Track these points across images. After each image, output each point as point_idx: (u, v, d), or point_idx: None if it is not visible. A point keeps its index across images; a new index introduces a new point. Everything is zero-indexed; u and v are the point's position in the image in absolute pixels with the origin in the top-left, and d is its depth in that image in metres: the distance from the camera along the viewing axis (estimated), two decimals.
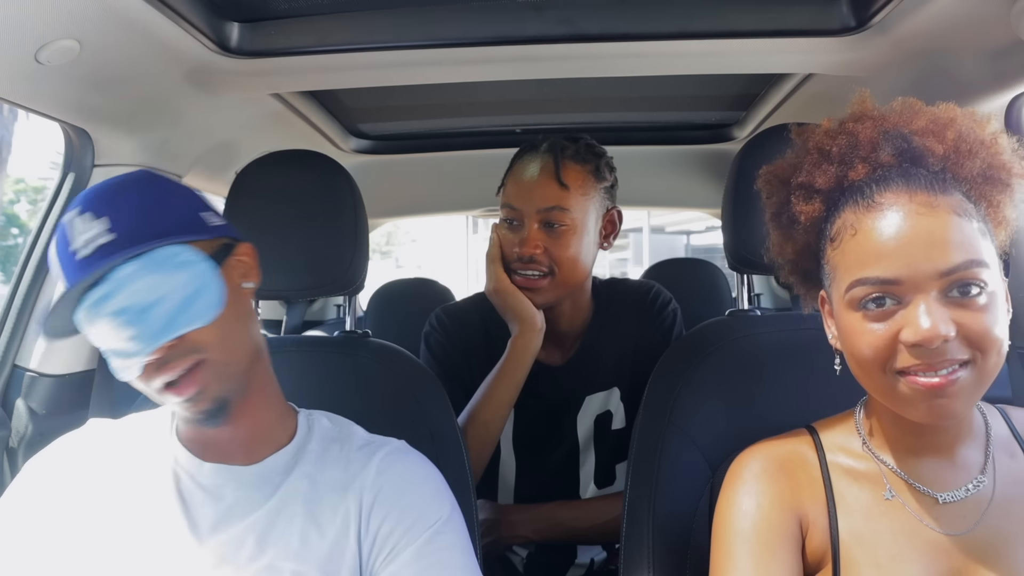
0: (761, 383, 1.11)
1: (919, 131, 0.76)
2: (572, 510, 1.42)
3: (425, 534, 0.86)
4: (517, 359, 1.33)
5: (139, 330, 0.78)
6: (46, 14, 0.93)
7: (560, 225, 1.31)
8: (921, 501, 0.78)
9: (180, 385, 0.80)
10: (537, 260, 1.31)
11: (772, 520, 0.81)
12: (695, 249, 14.48)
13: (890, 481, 0.80)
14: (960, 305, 0.70)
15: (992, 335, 0.70)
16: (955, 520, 0.77)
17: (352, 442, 0.94)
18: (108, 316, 0.78)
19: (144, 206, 0.82)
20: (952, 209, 0.71)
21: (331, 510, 0.87)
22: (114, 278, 0.78)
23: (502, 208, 1.37)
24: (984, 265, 0.70)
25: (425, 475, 0.92)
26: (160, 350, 0.78)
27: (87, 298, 0.79)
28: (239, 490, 0.87)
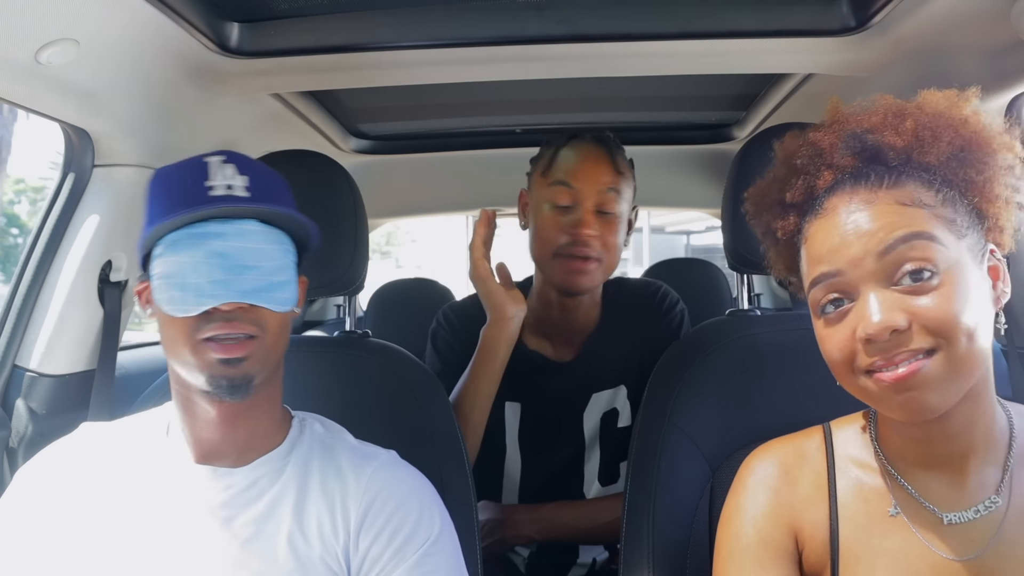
0: (761, 383, 1.10)
1: (875, 127, 0.75)
2: (575, 510, 1.42)
3: (414, 556, 0.85)
4: (488, 349, 1.32)
5: (229, 279, 0.82)
6: (46, 14, 0.93)
7: (611, 212, 1.33)
8: (926, 520, 0.74)
9: (228, 346, 0.82)
10: (592, 243, 1.31)
11: (765, 536, 0.80)
12: (695, 249, 14.48)
13: (896, 496, 0.76)
14: (913, 292, 0.67)
15: (952, 319, 0.66)
16: (962, 544, 0.72)
17: (343, 450, 0.93)
18: (211, 251, 0.82)
19: (280, 190, 0.90)
20: (894, 199, 0.70)
21: (318, 520, 0.87)
22: (236, 225, 0.84)
23: (550, 188, 1.34)
24: (929, 238, 0.68)
25: (415, 489, 0.92)
26: (232, 305, 0.82)
27: (198, 227, 0.82)
28: (227, 491, 0.87)
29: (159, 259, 0.84)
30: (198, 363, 0.82)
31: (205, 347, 0.82)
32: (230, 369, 0.82)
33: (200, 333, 0.82)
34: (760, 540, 0.80)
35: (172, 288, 0.82)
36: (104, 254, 1.32)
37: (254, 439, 0.90)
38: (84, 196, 1.31)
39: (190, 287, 0.81)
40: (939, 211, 0.70)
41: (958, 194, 0.72)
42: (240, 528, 0.85)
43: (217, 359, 0.82)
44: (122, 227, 1.34)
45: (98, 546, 0.83)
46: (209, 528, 0.85)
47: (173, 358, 0.86)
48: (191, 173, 0.85)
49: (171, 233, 0.84)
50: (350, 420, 1.01)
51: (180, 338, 0.82)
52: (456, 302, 1.55)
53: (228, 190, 0.84)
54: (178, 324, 0.82)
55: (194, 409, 0.88)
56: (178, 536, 0.84)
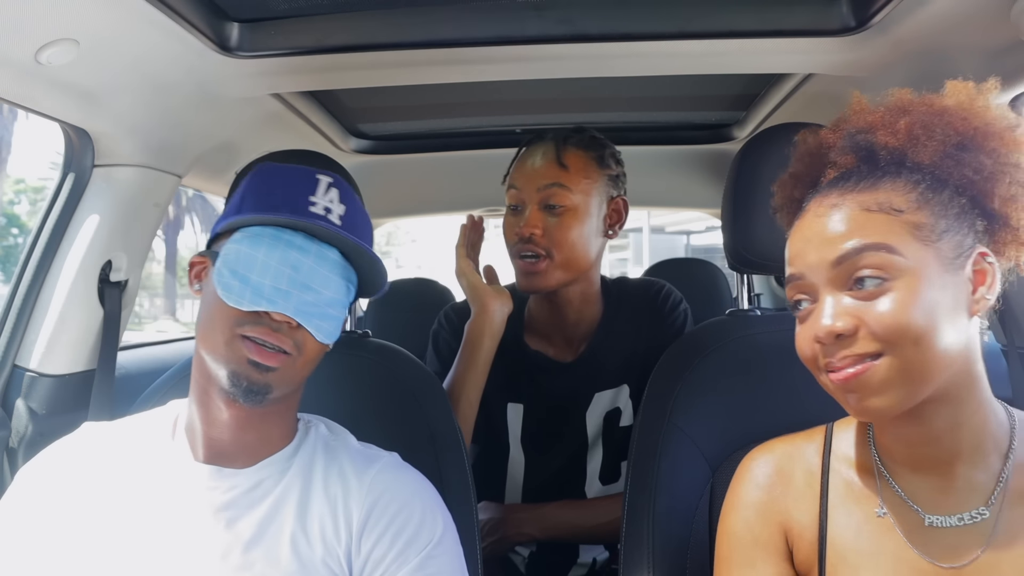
0: (761, 383, 1.11)
1: (870, 126, 0.76)
2: (577, 509, 1.42)
3: (417, 558, 0.85)
4: (473, 343, 1.33)
5: (290, 291, 0.84)
6: (46, 14, 0.93)
7: (560, 207, 1.33)
8: (911, 522, 0.74)
9: (265, 352, 0.83)
10: (535, 241, 1.32)
11: (756, 533, 0.82)
12: (695, 249, 14.49)
13: (884, 496, 0.77)
14: (864, 297, 0.70)
15: (897, 325, 0.68)
16: (946, 551, 0.72)
17: (346, 452, 0.93)
18: (286, 259, 0.84)
19: (367, 229, 0.93)
20: (860, 204, 0.72)
21: (321, 522, 0.87)
22: (319, 247, 0.86)
23: (507, 193, 1.40)
24: (882, 248, 0.69)
25: (418, 492, 0.92)
26: (283, 317, 0.83)
27: (284, 233, 0.85)
28: (231, 492, 0.87)
29: (234, 244, 0.85)
30: (228, 355, 0.83)
31: (241, 343, 0.83)
32: (255, 373, 0.83)
33: (242, 328, 0.83)
34: (752, 538, 0.81)
35: (234, 277, 0.83)
36: (104, 254, 1.32)
37: (263, 443, 0.90)
38: (84, 196, 1.31)
39: (251, 283, 0.83)
40: (908, 216, 0.70)
41: (952, 194, 0.72)
42: (243, 529, 0.85)
43: (248, 358, 0.83)
44: (122, 227, 1.34)
45: (100, 545, 0.83)
46: (212, 529, 0.85)
47: (204, 343, 0.86)
48: (299, 181, 0.89)
49: (256, 227, 0.85)
50: (350, 420, 1.01)
51: (220, 325, 0.83)
52: (457, 303, 1.55)
53: (326, 212, 0.87)
54: (224, 311, 0.83)
55: (210, 407, 0.88)
56: (181, 536, 0.84)
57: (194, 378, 0.90)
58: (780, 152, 1.18)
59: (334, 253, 0.88)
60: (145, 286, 2.19)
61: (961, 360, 0.70)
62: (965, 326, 0.71)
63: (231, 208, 0.91)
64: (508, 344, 1.40)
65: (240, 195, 0.90)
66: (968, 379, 0.72)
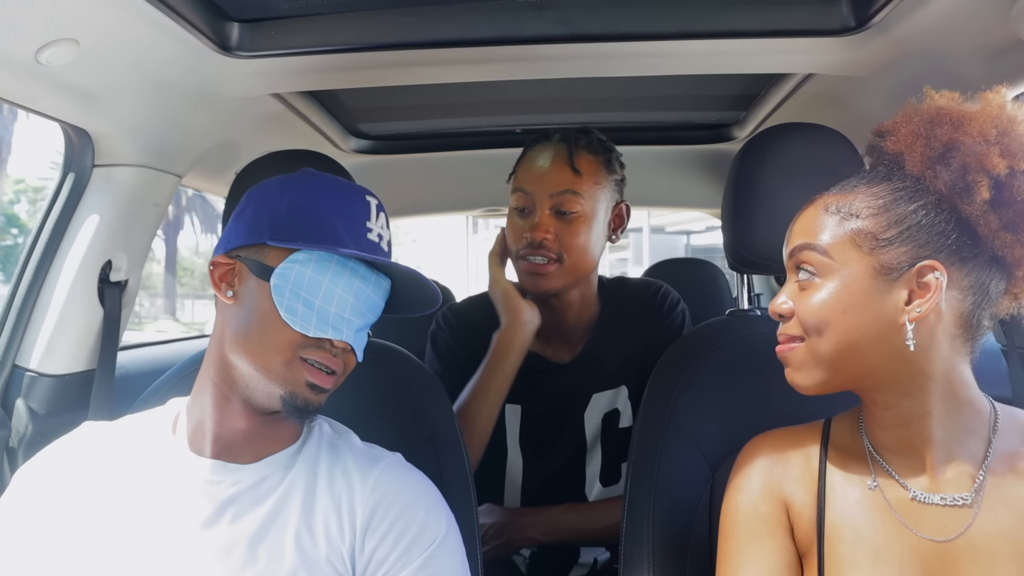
0: (761, 383, 1.10)
1: (886, 131, 0.81)
2: (582, 512, 1.42)
3: (420, 558, 0.86)
4: (501, 353, 1.33)
5: (352, 320, 0.86)
6: (46, 14, 0.93)
7: (571, 212, 1.32)
8: (899, 497, 0.80)
9: (324, 375, 0.86)
10: (546, 246, 1.32)
11: (761, 510, 0.85)
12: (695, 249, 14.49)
13: (876, 473, 0.83)
14: (801, 287, 0.81)
15: (814, 316, 0.79)
16: (934, 527, 0.77)
17: (350, 451, 0.93)
18: (350, 288, 0.86)
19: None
20: (824, 206, 0.81)
21: (325, 520, 0.87)
22: (378, 276, 0.90)
23: (513, 195, 1.38)
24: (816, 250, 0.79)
25: (421, 492, 0.92)
26: (344, 345, 0.86)
27: (350, 262, 0.87)
28: (235, 487, 0.87)
29: (297, 265, 0.85)
30: (287, 377, 0.84)
31: (301, 366, 0.84)
32: (312, 395, 0.85)
33: (304, 352, 0.84)
34: (757, 514, 0.85)
35: (298, 301, 0.84)
36: (104, 254, 1.32)
37: (271, 441, 0.91)
38: (84, 196, 1.31)
39: (316, 308, 0.84)
40: (859, 223, 0.78)
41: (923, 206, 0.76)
42: (248, 525, 0.85)
43: (308, 381, 0.84)
44: (122, 227, 1.34)
45: (102, 542, 0.83)
46: (217, 523, 0.85)
47: (252, 356, 0.85)
48: (354, 203, 0.90)
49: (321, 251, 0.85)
50: (350, 420, 1.01)
51: (280, 346, 0.84)
52: (456, 304, 1.55)
53: (379, 239, 0.90)
54: (285, 333, 0.84)
55: (228, 410, 0.88)
56: (184, 532, 0.84)
57: (210, 382, 0.89)
58: (780, 152, 1.18)
59: (386, 282, 0.92)
60: (145, 286, 2.19)
61: (893, 360, 0.77)
62: (894, 330, 0.76)
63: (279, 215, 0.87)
64: None
65: (288, 203, 0.88)
66: (920, 376, 0.77)
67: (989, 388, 0.83)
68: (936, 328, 0.76)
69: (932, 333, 0.76)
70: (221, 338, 0.89)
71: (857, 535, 0.80)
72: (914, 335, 0.75)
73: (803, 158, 1.16)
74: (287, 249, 0.86)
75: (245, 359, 0.85)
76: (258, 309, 0.85)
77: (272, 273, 0.85)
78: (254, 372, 0.85)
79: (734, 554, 0.85)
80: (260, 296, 0.85)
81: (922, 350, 0.76)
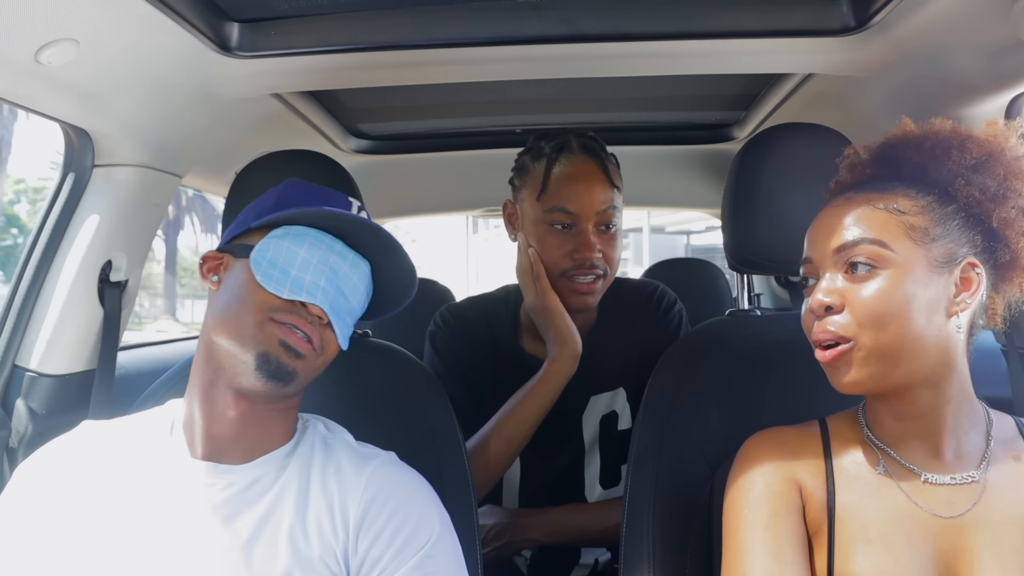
0: (761, 383, 1.11)
1: (900, 141, 0.85)
2: (584, 513, 1.42)
3: (415, 557, 0.86)
4: (550, 382, 1.32)
5: (328, 290, 0.88)
6: (46, 14, 0.93)
7: (613, 227, 1.34)
8: (909, 479, 0.83)
9: (297, 338, 0.85)
10: (596, 264, 1.32)
11: (775, 488, 0.87)
12: (695, 249, 14.49)
13: (884, 460, 0.85)
14: (853, 280, 0.81)
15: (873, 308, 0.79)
16: (945, 504, 0.81)
17: (343, 450, 0.93)
18: (326, 261, 0.88)
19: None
20: (868, 201, 0.83)
21: (318, 519, 0.87)
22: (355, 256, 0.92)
23: (548, 213, 1.33)
24: (875, 243, 0.80)
25: (415, 491, 0.92)
26: (318, 311, 0.87)
27: (325, 237, 0.90)
28: (229, 489, 0.87)
29: (275, 239, 0.88)
30: (259, 337, 0.84)
31: (274, 326, 0.84)
32: (286, 355, 0.84)
33: (276, 314, 0.85)
34: (772, 492, 0.86)
35: (275, 269, 0.86)
36: (104, 254, 1.32)
37: (264, 439, 0.90)
38: (84, 196, 1.31)
39: (291, 276, 0.86)
40: (908, 218, 0.81)
41: (956, 209, 0.82)
42: (242, 527, 0.85)
43: (280, 339, 0.84)
44: (122, 227, 1.34)
45: (99, 543, 0.83)
46: (211, 526, 0.85)
47: (225, 328, 0.86)
48: (336, 200, 0.94)
49: (299, 226, 0.89)
50: (350, 420, 1.01)
51: (253, 308, 0.84)
52: (453, 304, 1.54)
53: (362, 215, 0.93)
54: (259, 296, 0.85)
55: (216, 401, 0.88)
56: (179, 534, 0.84)
57: (198, 372, 0.90)
58: (780, 152, 1.18)
59: (366, 265, 0.93)
60: (145, 286, 2.19)
61: (937, 352, 0.80)
62: (942, 323, 0.80)
63: (265, 209, 0.93)
64: (503, 348, 1.39)
65: (275, 200, 0.93)
66: (948, 370, 0.82)
67: (989, 388, 0.84)
68: (965, 323, 0.82)
69: (963, 327, 0.82)
70: (206, 327, 0.90)
71: (868, 513, 0.83)
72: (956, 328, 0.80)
73: (803, 158, 1.16)
74: (267, 231, 0.89)
75: (224, 335, 0.86)
76: (237, 283, 0.88)
77: (252, 249, 0.88)
78: (232, 343, 0.85)
79: (751, 528, 0.85)
80: (240, 272, 0.88)
81: (956, 343, 0.81)
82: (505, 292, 1.52)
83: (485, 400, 1.39)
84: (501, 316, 1.47)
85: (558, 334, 1.33)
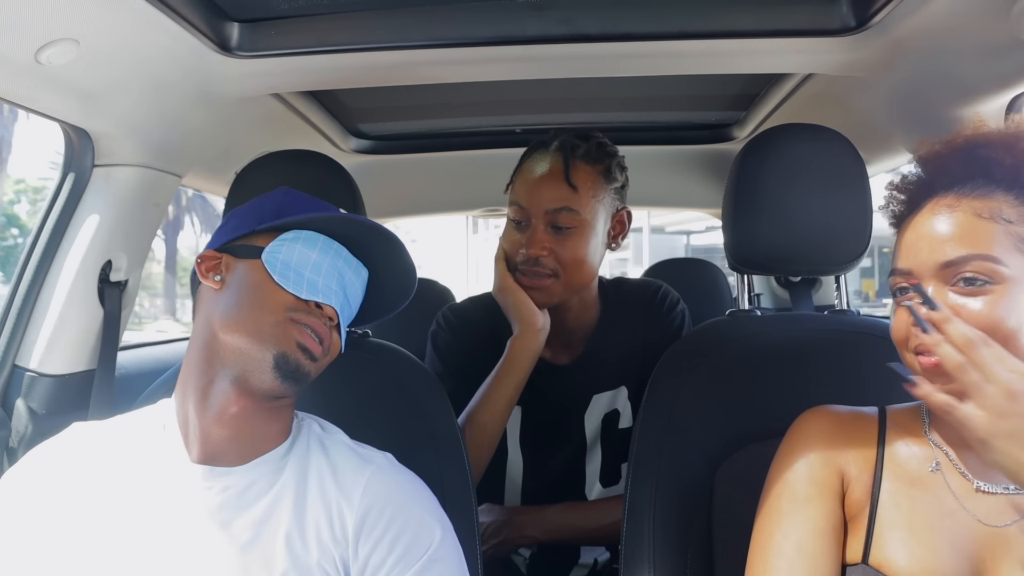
0: (761, 383, 1.11)
1: (992, 143, 0.82)
2: (580, 511, 1.42)
3: (419, 563, 0.85)
4: (515, 360, 1.32)
5: (338, 293, 0.90)
6: (46, 14, 0.93)
7: (568, 227, 1.30)
8: (960, 483, 0.82)
9: (312, 340, 0.86)
10: (542, 262, 1.30)
11: (816, 474, 0.87)
12: (695, 249, 14.51)
13: (939, 459, 0.84)
14: (965, 294, 0.77)
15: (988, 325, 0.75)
16: (992, 512, 0.80)
17: (339, 451, 0.92)
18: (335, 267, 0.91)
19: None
20: (973, 210, 0.79)
21: (316, 525, 0.86)
22: (358, 264, 0.95)
23: (510, 207, 1.37)
24: (991, 260, 0.76)
25: (413, 495, 0.91)
26: (332, 313, 0.89)
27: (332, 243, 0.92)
28: (224, 493, 0.86)
29: (287, 243, 0.89)
30: (278, 337, 0.84)
31: (292, 326, 0.85)
32: (304, 358, 0.85)
33: (296, 314, 0.86)
34: (809, 478, 0.86)
35: (289, 271, 0.87)
36: (104, 254, 1.32)
37: (260, 439, 0.90)
38: (84, 196, 1.31)
39: (306, 278, 0.87)
40: (1016, 228, 0.78)
41: None
42: (239, 532, 0.84)
43: (298, 341, 0.85)
44: (122, 227, 1.34)
45: (91, 547, 0.83)
46: (207, 531, 0.84)
47: (240, 327, 0.85)
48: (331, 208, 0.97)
49: (308, 231, 0.91)
50: (350, 420, 1.01)
51: (272, 307, 0.85)
52: (455, 304, 1.54)
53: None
54: (276, 297, 0.86)
55: (212, 401, 0.87)
56: (175, 538, 0.84)
57: (195, 373, 0.88)
58: (781, 152, 1.18)
59: (366, 273, 0.96)
60: (145, 286, 2.19)
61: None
62: None
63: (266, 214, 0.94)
64: (505, 347, 1.39)
65: (277, 206, 0.94)
66: None
67: None
68: None
69: None
70: (207, 326, 0.88)
71: (913, 504, 0.82)
72: None
73: (803, 158, 1.16)
74: (274, 235, 0.90)
75: (237, 333, 0.85)
76: (249, 282, 0.88)
77: (263, 251, 0.88)
78: (247, 342, 0.84)
79: (782, 513, 0.86)
80: (250, 272, 0.88)
81: None
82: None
83: None
84: (502, 316, 1.47)
85: (515, 310, 1.33)
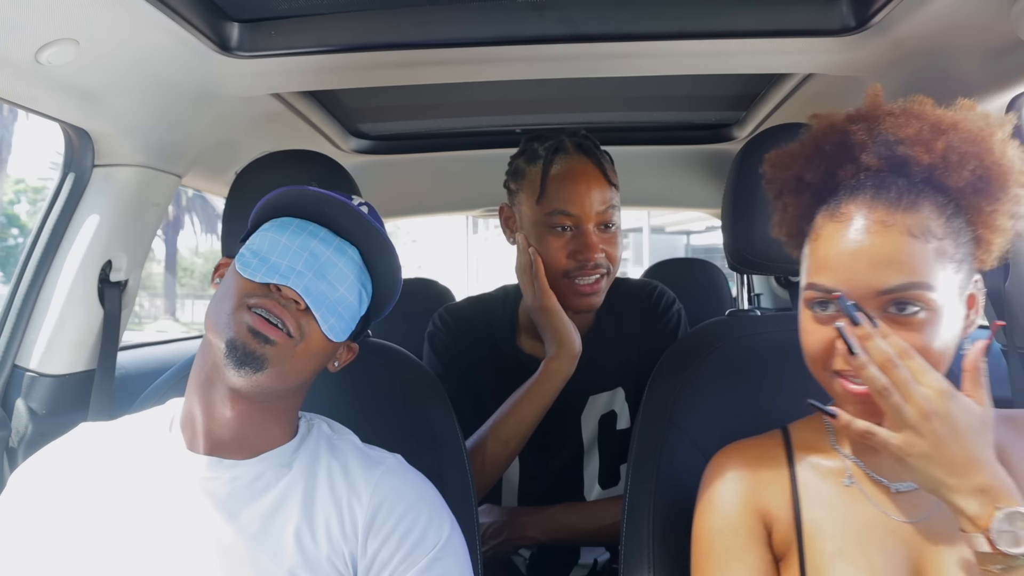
0: (761, 383, 1.10)
1: (908, 139, 0.78)
2: (580, 511, 1.42)
3: (424, 560, 0.86)
4: (548, 382, 1.31)
5: (305, 274, 0.86)
6: (46, 14, 0.93)
7: (613, 225, 1.33)
8: (877, 490, 0.83)
9: (267, 324, 0.84)
10: (600, 264, 1.32)
11: (736, 524, 0.85)
12: (695, 249, 14.50)
13: (851, 471, 0.84)
14: (896, 322, 0.74)
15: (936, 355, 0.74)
16: (910, 509, 0.81)
17: (350, 451, 0.93)
18: (306, 247, 0.88)
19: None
20: (907, 229, 0.74)
21: (327, 521, 0.87)
22: (341, 243, 0.91)
23: (548, 216, 1.32)
24: (927, 287, 0.73)
25: (423, 495, 0.92)
26: (292, 294, 0.85)
27: (309, 225, 0.91)
28: (231, 484, 0.87)
29: (260, 233, 0.90)
30: (232, 323, 0.84)
31: (245, 313, 0.85)
32: (253, 342, 0.83)
33: (251, 299, 0.85)
34: (733, 530, 0.85)
35: (254, 256, 0.87)
36: (104, 254, 1.32)
37: (264, 438, 0.90)
38: (84, 196, 1.31)
39: (269, 262, 0.87)
40: (943, 245, 0.74)
41: (964, 222, 0.77)
42: (247, 522, 0.85)
43: (248, 326, 0.84)
44: (122, 227, 1.34)
45: (99, 542, 0.83)
46: (214, 521, 0.85)
47: (214, 319, 0.87)
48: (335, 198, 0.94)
49: (285, 217, 0.91)
50: (350, 420, 1.01)
51: (233, 294, 0.86)
52: (452, 304, 1.54)
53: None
54: (239, 283, 0.86)
55: (213, 400, 0.88)
56: (182, 529, 0.84)
57: (197, 370, 0.90)
58: None
59: (354, 252, 0.92)
60: (145, 286, 2.19)
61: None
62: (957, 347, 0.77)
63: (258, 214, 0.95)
64: (502, 348, 1.39)
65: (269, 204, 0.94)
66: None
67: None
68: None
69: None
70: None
71: (837, 528, 0.82)
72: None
73: None
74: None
75: (208, 329, 0.88)
76: (225, 279, 0.90)
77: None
78: (212, 335, 0.86)
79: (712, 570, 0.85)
80: (231, 270, 0.90)
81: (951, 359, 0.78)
82: (503, 292, 1.52)
83: (484, 400, 1.39)
84: (499, 316, 1.47)
85: (556, 334, 1.32)
